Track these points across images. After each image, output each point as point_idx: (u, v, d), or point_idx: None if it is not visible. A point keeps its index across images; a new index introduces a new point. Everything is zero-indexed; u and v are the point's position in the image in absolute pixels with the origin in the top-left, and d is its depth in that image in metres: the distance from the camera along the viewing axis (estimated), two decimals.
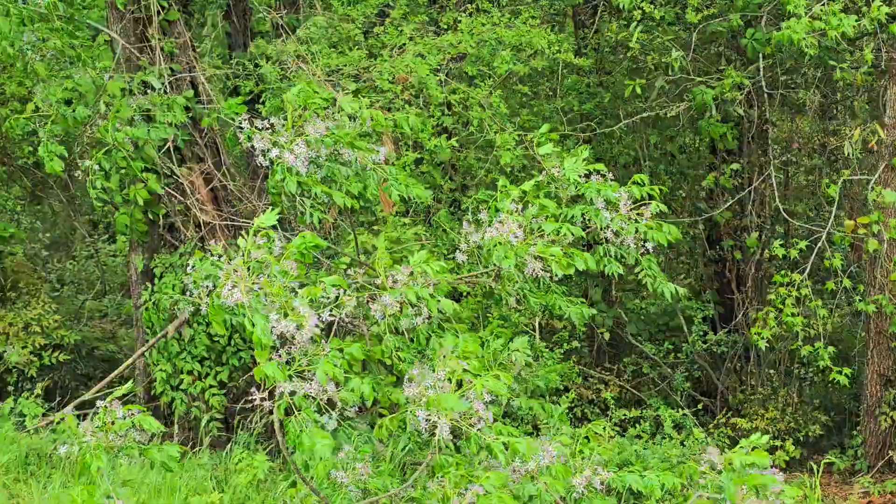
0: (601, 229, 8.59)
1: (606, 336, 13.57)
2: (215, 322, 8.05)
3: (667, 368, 13.64)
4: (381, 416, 8.86)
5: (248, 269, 7.94)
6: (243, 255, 8.03)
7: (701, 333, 13.49)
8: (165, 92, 10.92)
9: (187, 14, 11.60)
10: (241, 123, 8.38)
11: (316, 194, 8.29)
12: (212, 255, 8.11)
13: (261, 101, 11.62)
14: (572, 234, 8.25)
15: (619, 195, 8.61)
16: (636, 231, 8.59)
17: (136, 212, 11.24)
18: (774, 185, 12.18)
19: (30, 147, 10.40)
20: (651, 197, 8.63)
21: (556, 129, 12.74)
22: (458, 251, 8.66)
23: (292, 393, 7.70)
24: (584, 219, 8.59)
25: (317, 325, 7.86)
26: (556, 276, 8.05)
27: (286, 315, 7.83)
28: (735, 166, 12.71)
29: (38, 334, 13.32)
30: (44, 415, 11.05)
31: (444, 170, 12.85)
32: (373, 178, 8.52)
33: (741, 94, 11.91)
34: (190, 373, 11.18)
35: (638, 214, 8.76)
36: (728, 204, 13.04)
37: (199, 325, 10.94)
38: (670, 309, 14.23)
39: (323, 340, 7.93)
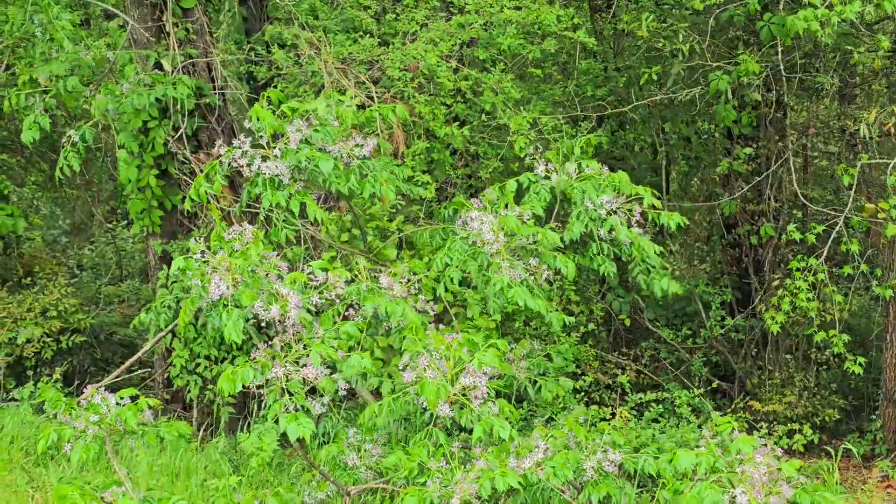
0: (595, 229, 8.69)
1: (627, 322, 13.55)
2: (182, 321, 8.20)
3: (684, 353, 13.62)
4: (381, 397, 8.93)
5: (232, 262, 8.04)
6: (227, 248, 8.15)
7: (718, 318, 13.46)
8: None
9: (205, 0, 11.65)
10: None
11: (289, 209, 8.38)
12: (192, 250, 8.23)
13: (273, 85, 11.65)
14: (552, 241, 8.36)
15: (605, 201, 8.71)
16: (627, 230, 8.68)
17: (151, 198, 11.32)
18: (792, 169, 12.12)
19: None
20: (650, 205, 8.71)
21: (568, 114, 12.71)
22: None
23: (288, 378, 7.79)
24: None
25: (308, 310, 7.95)
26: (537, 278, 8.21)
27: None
28: (748, 151, 12.66)
29: (55, 318, 13.41)
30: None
31: (460, 156, 12.84)
32: (355, 173, 8.57)
33: (758, 79, 11.87)
34: (207, 357, 11.24)
35: (629, 211, 8.81)
36: (743, 190, 12.99)
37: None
38: (688, 294, 14.19)
39: (315, 324, 8.00)
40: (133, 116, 10.79)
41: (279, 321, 7.88)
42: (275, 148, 8.40)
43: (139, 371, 12.36)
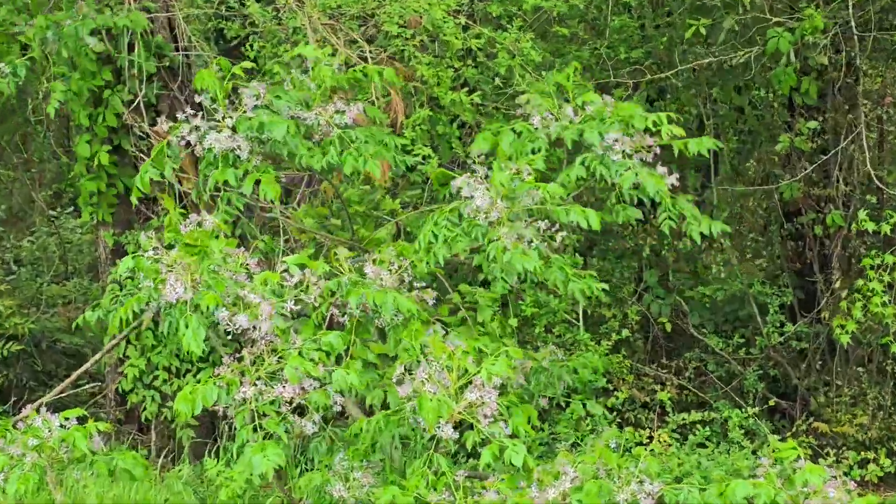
0: (609, 178, 8.45)
1: (668, 327, 13.51)
2: (112, 325, 8.15)
3: (736, 366, 13.57)
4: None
5: (188, 260, 7.98)
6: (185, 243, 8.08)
7: (777, 324, 13.40)
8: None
9: None
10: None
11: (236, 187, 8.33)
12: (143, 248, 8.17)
13: (248, 44, 11.60)
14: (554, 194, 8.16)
15: (611, 139, 8.43)
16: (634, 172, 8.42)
17: (102, 180, 11.28)
18: (865, 146, 12.06)
19: None
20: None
21: (598, 80, 12.64)
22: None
23: (259, 398, 7.71)
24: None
25: (283, 315, 7.88)
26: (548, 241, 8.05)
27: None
28: (813, 125, 12.60)
29: None
30: None
31: (469, 130, 12.78)
32: (335, 145, 8.48)
33: (825, 38, 11.80)
34: (166, 368, 11.21)
35: (647, 149, 8.56)
36: (806, 171, 12.94)
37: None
38: (740, 295, 14.14)
39: (293, 331, 7.93)
40: (75, 53, 10.71)
41: (249, 330, 7.82)
42: (228, 118, 8.33)
43: (87, 385, 12.33)
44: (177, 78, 11.43)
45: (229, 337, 7.88)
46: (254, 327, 7.76)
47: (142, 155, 11.33)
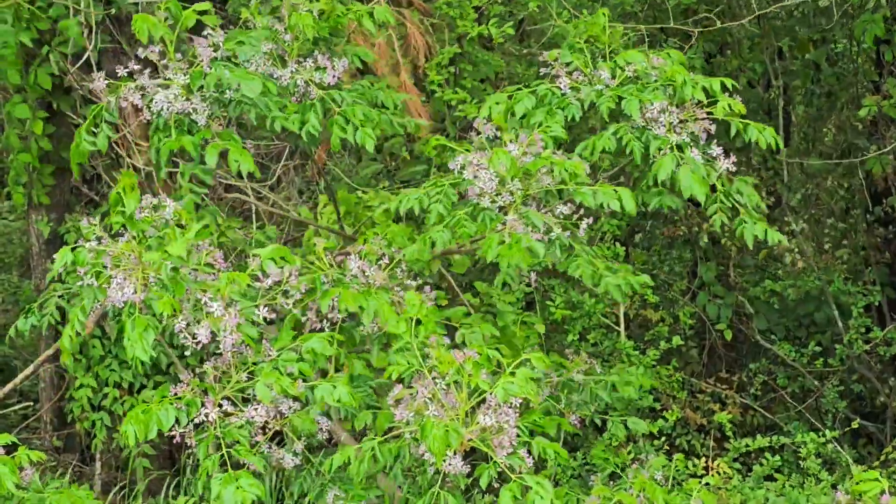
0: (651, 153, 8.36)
1: (728, 335, 13.50)
2: (64, 345, 8.07)
3: (812, 380, 13.57)
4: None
5: (140, 252, 7.93)
6: (136, 233, 8.02)
7: (862, 329, 13.39)
8: None
9: None
10: None
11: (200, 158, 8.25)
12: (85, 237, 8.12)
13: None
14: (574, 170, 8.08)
15: (655, 109, 8.35)
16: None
17: (34, 155, 11.25)
18: None
19: None
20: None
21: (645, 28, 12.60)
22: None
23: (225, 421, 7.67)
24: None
25: (253, 323, 7.82)
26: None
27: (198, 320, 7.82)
28: None
29: None
30: None
31: (495, 83, 12.75)
32: (315, 109, 8.42)
33: None
34: (117, 385, 11.19)
35: (695, 120, 8.44)
36: None
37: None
38: (816, 294, 14.12)
39: (265, 342, 7.86)
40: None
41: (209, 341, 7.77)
42: (180, 74, 8.25)
43: (17, 406, 12.32)
44: (126, 30, 11.39)
45: (187, 352, 7.82)
46: (215, 340, 7.70)
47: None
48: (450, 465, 7.36)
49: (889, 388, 13.56)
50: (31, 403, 12.35)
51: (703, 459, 11.38)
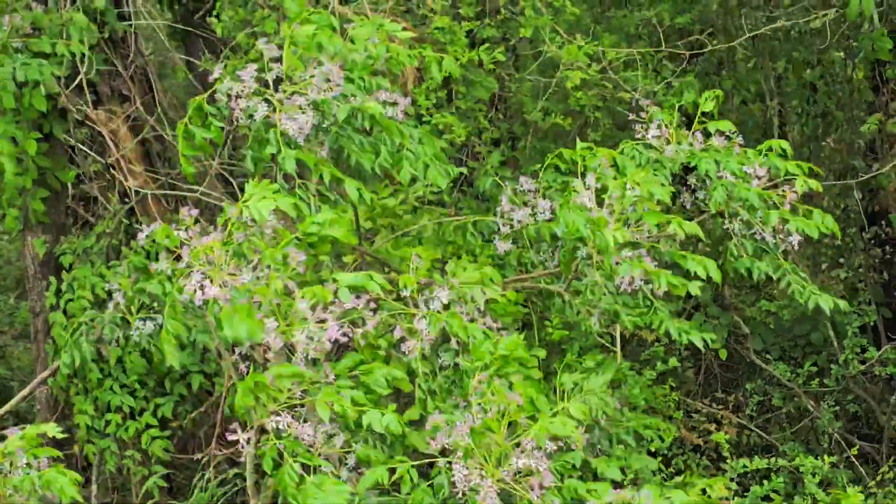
0: (726, 217, 8.55)
1: (723, 355, 13.46)
2: (167, 344, 7.93)
3: (808, 400, 13.53)
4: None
5: (228, 254, 7.85)
6: (223, 234, 7.94)
7: (857, 349, 13.36)
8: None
9: None
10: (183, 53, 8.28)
11: (322, 177, 8.13)
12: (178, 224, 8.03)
13: (214, 14, 11.53)
14: (685, 233, 8.16)
15: (751, 169, 8.56)
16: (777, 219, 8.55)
17: (30, 175, 11.21)
18: None
19: None
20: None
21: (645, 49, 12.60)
22: (496, 237, 8.52)
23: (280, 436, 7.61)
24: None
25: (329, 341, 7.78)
26: (659, 289, 7.98)
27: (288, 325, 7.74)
28: None
29: None
30: None
31: (484, 114, 12.73)
32: (386, 144, 8.35)
33: None
34: (118, 409, 11.13)
35: (779, 195, 8.71)
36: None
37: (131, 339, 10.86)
38: (812, 314, 14.08)
39: (325, 364, 7.82)
40: None
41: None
42: (291, 95, 8.13)
43: (17, 427, 12.25)
44: (121, 51, 11.36)
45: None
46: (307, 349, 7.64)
47: (80, 146, 11.26)
48: (485, 498, 7.31)
49: (885, 407, 13.53)
50: (27, 425, 12.28)
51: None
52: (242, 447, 7.66)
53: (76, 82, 10.99)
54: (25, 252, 11.90)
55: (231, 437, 7.58)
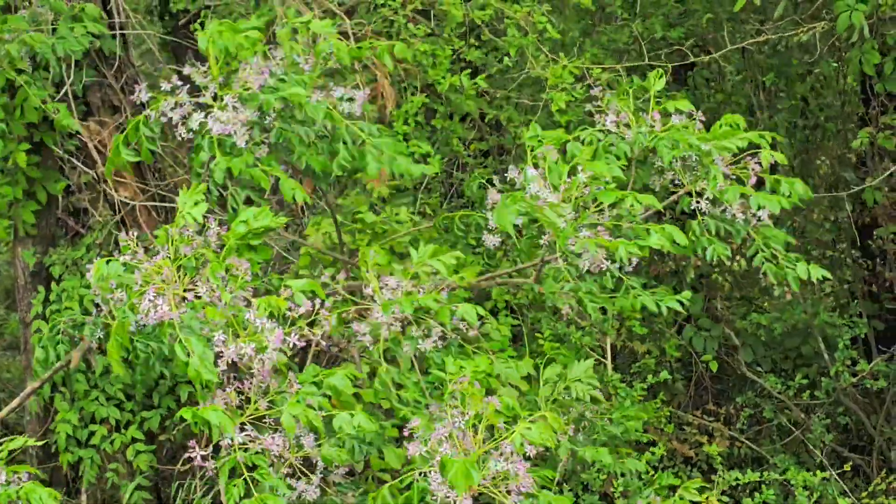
0: (691, 196, 8.50)
1: (714, 367, 13.46)
2: (112, 354, 7.94)
3: (799, 412, 13.53)
4: (381, 482, 8.73)
5: (179, 269, 7.84)
6: (169, 251, 7.91)
7: (848, 362, 13.33)
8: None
9: None
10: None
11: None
12: (121, 250, 8.01)
13: (199, 21, 11.53)
14: (641, 206, 8.11)
15: (709, 147, 8.51)
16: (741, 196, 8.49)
17: (19, 186, 11.20)
18: None
19: None
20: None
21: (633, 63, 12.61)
22: (485, 233, 8.49)
23: (245, 448, 7.60)
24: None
25: (282, 350, 7.76)
26: (624, 264, 7.93)
27: (236, 336, 7.72)
28: None
29: None
30: None
31: (472, 123, 12.73)
32: (346, 140, 8.32)
33: None
34: (104, 421, 11.10)
35: (741, 169, 8.68)
36: (886, 174, 12.90)
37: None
38: (803, 327, 14.09)
39: (290, 373, 7.83)
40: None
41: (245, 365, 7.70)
42: (224, 96, 8.12)
43: (3, 438, 12.21)
44: (111, 63, 11.34)
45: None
46: (259, 360, 7.63)
47: (69, 157, 11.25)
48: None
49: (876, 420, 13.52)
50: (16, 437, 12.24)
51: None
52: (204, 464, 7.67)
53: (62, 92, 10.97)
54: (15, 263, 11.89)
55: (188, 455, 7.61)
